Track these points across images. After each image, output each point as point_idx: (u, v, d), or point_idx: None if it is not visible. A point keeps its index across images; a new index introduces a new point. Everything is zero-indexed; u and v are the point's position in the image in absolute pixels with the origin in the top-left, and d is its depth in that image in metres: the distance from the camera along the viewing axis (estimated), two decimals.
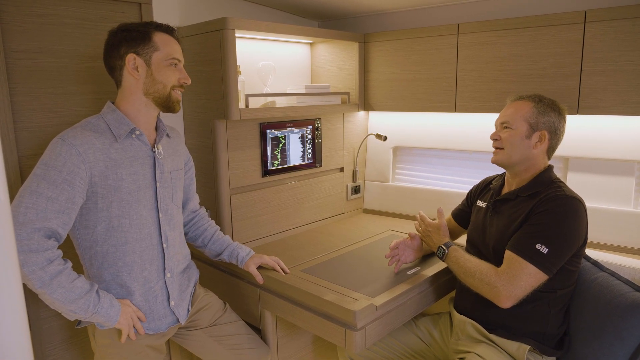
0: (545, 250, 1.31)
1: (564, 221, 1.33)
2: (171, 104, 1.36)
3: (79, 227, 1.29)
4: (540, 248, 1.31)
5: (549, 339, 1.41)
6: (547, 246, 1.31)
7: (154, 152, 1.37)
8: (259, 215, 1.97)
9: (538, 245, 1.31)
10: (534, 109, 1.45)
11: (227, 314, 1.61)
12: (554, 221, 1.34)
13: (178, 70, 1.35)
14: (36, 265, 1.13)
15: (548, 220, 1.34)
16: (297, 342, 1.84)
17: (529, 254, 1.32)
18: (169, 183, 1.42)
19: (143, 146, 1.35)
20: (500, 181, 1.61)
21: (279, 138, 2.01)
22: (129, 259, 1.32)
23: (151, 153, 1.37)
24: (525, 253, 1.33)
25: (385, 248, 1.90)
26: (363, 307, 1.35)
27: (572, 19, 1.66)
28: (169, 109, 1.37)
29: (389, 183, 2.39)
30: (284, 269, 1.63)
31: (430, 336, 1.65)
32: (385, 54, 2.17)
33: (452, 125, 2.16)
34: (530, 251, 1.32)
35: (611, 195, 1.79)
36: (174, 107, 1.37)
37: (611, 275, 1.43)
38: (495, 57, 1.84)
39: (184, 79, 1.36)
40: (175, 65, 1.34)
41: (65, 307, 1.18)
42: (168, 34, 1.35)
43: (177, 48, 1.36)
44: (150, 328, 1.39)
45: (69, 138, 1.22)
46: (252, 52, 2.07)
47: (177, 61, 1.34)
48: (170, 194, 1.43)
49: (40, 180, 1.17)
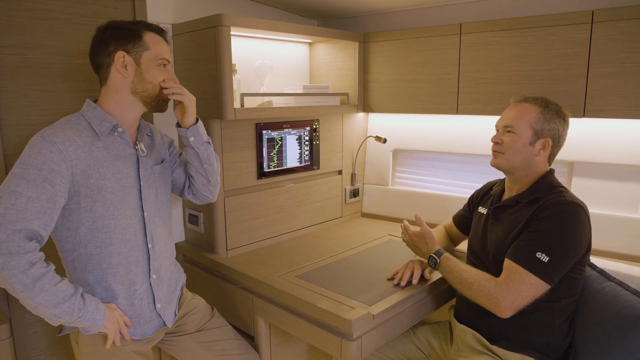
0: (546, 259, 1.26)
1: (564, 228, 1.29)
2: (161, 103, 1.34)
3: (61, 228, 1.25)
4: (541, 257, 1.26)
5: (554, 350, 1.36)
6: (547, 254, 1.26)
7: (136, 149, 1.34)
8: (253, 218, 1.92)
9: (538, 253, 1.27)
10: (540, 115, 1.39)
11: (214, 319, 1.57)
12: (554, 228, 1.29)
13: (167, 71, 1.34)
14: (17, 269, 1.08)
15: (548, 227, 1.29)
16: (291, 351, 1.78)
17: (529, 263, 1.27)
18: (152, 180, 1.38)
19: (126, 145, 1.32)
20: (500, 187, 1.56)
21: (276, 139, 1.96)
22: (114, 260, 1.28)
23: (134, 151, 1.33)
24: (525, 262, 1.28)
25: (384, 253, 1.85)
26: (359, 316, 1.30)
27: (578, 19, 1.61)
28: (158, 108, 1.34)
29: (389, 187, 2.34)
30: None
31: (430, 346, 1.59)
32: (386, 54, 2.12)
33: (454, 128, 2.11)
34: (531, 260, 1.27)
35: (617, 202, 1.74)
36: (162, 106, 1.35)
37: (618, 284, 1.38)
38: (499, 58, 1.79)
39: (172, 80, 1.34)
40: (164, 66, 1.32)
41: (49, 311, 1.13)
42: (158, 34, 1.33)
43: (166, 49, 1.34)
44: (137, 333, 1.35)
45: (48, 135, 1.18)
46: (250, 51, 2.02)
47: (166, 62, 1.33)
48: (155, 190, 1.39)
49: (19, 179, 1.13)
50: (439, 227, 1.82)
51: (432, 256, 1.49)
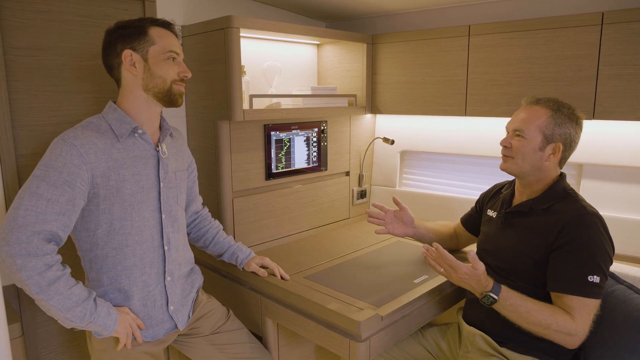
0: (597, 279, 1.26)
1: (600, 243, 1.28)
2: (173, 98, 1.32)
3: (80, 229, 1.26)
4: (593, 279, 1.26)
5: (563, 354, 1.35)
6: (597, 275, 1.26)
7: (157, 151, 1.34)
8: (262, 219, 1.93)
9: (590, 277, 1.26)
10: (550, 120, 1.36)
11: (229, 322, 1.56)
12: (593, 247, 1.28)
13: (177, 63, 1.32)
14: (34, 270, 1.10)
15: (587, 246, 1.28)
16: (299, 352, 1.79)
17: (586, 290, 1.26)
18: (173, 183, 1.38)
19: (146, 145, 1.32)
20: (510, 190, 1.54)
21: (284, 140, 1.97)
22: (129, 262, 1.29)
23: (155, 152, 1.33)
24: (583, 291, 1.26)
25: (392, 255, 1.85)
26: (368, 318, 1.30)
27: (588, 20, 1.60)
28: (172, 103, 1.33)
29: (396, 188, 2.34)
30: (283, 275, 1.58)
31: (438, 348, 1.59)
32: (394, 55, 2.12)
33: (462, 130, 2.11)
34: (586, 286, 1.26)
35: (627, 204, 1.73)
36: (176, 100, 1.33)
37: (629, 287, 1.37)
38: (508, 59, 1.79)
39: (184, 72, 1.32)
40: (173, 59, 1.31)
41: (61, 314, 1.15)
42: (165, 27, 1.31)
43: (174, 41, 1.32)
44: (148, 335, 1.35)
45: (69, 138, 1.19)
46: (258, 52, 2.03)
47: (175, 54, 1.31)
48: (175, 194, 1.39)
49: (40, 181, 1.14)
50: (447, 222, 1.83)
51: (490, 295, 1.28)
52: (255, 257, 1.63)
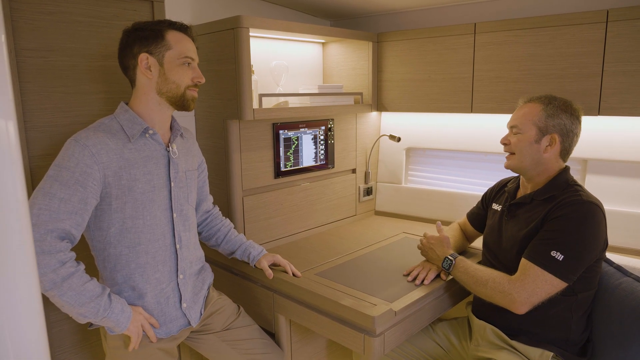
0: (561, 257, 1.28)
1: (580, 227, 1.30)
2: (186, 103, 1.34)
3: (93, 228, 1.27)
4: (555, 255, 1.28)
5: (573, 345, 1.38)
6: (562, 253, 1.28)
7: (168, 151, 1.35)
8: (271, 217, 1.94)
9: (553, 252, 1.29)
10: (542, 112, 1.41)
11: (240, 318, 1.58)
12: (570, 227, 1.30)
13: (191, 69, 1.33)
14: (48, 267, 1.11)
15: (563, 227, 1.31)
16: (311, 347, 1.81)
17: (544, 262, 1.29)
18: (184, 183, 1.40)
19: (157, 145, 1.33)
20: (515, 184, 1.58)
21: (292, 139, 1.98)
22: (142, 260, 1.31)
23: (165, 152, 1.35)
24: (540, 260, 1.30)
25: (399, 251, 1.87)
26: (382, 313, 1.32)
27: (593, 18, 1.62)
28: (184, 107, 1.34)
29: (402, 185, 2.36)
30: (295, 272, 1.60)
31: (449, 341, 1.61)
32: (400, 53, 2.14)
33: (467, 127, 2.13)
34: (545, 259, 1.30)
35: (632, 198, 1.76)
36: (188, 105, 1.35)
37: (636, 280, 1.39)
38: (513, 57, 1.81)
39: (198, 77, 1.34)
40: (188, 64, 1.32)
41: (75, 310, 1.16)
42: (182, 32, 1.32)
43: (190, 47, 1.33)
44: (162, 332, 1.37)
45: (81, 139, 1.20)
46: (265, 51, 2.04)
47: (190, 60, 1.32)
48: (186, 194, 1.41)
49: (53, 181, 1.16)
50: (454, 224, 1.84)
51: (448, 258, 1.51)
52: (267, 254, 1.64)
